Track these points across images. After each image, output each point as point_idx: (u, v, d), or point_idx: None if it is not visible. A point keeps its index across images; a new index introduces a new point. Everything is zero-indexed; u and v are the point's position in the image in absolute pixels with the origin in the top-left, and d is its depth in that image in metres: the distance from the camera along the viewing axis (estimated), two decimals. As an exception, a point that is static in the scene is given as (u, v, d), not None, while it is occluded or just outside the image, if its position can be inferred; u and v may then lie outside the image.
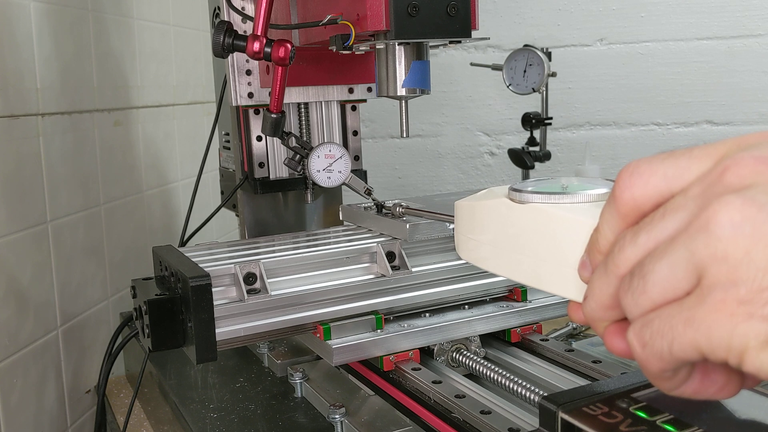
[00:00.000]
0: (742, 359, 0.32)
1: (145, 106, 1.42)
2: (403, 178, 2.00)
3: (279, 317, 0.81)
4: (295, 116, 1.09)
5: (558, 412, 0.49)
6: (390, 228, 0.92)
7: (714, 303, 0.32)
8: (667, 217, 0.35)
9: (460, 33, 0.82)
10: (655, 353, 0.35)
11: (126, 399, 1.15)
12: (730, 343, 0.32)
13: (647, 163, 0.37)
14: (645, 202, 0.37)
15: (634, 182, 0.37)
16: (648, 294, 0.34)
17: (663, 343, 0.34)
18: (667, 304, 0.34)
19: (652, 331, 0.34)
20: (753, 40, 1.77)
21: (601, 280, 0.38)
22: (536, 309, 0.91)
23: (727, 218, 0.32)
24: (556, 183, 0.48)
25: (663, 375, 0.36)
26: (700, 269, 0.33)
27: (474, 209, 0.52)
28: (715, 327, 0.32)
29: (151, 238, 1.42)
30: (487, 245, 0.50)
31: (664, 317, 0.34)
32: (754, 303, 0.31)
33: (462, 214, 0.54)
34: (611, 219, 0.38)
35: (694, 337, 0.33)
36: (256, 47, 0.84)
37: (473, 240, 0.52)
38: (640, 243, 0.36)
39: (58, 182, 1.11)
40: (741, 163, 0.34)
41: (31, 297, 1.04)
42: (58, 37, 1.13)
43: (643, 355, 0.35)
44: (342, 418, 0.77)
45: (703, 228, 0.33)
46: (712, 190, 0.34)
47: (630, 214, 0.37)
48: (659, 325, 0.34)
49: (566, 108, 1.87)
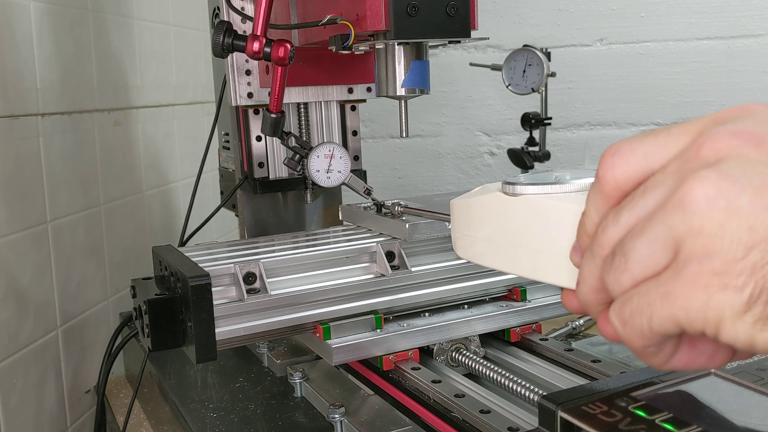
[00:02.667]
0: (718, 330, 0.32)
1: (145, 106, 1.42)
2: (403, 178, 2.00)
3: (278, 317, 0.81)
4: (295, 116, 1.09)
5: (557, 412, 0.49)
6: (389, 228, 0.92)
7: (689, 275, 0.32)
8: (647, 194, 0.36)
9: (459, 33, 0.82)
10: (636, 330, 0.35)
11: (126, 399, 1.15)
12: (706, 315, 0.32)
13: (627, 143, 0.38)
14: (626, 181, 0.37)
15: (615, 163, 0.38)
16: (629, 271, 0.35)
17: (643, 319, 0.34)
18: (646, 281, 0.34)
19: (632, 309, 0.35)
20: (753, 40, 1.77)
21: (589, 262, 0.38)
22: (536, 309, 0.91)
23: (702, 193, 0.33)
24: (548, 175, 0.48)
25: (647, 351, 0.36)
26: (677, 244, 0.33)
27: (469, 206, 0.52)
28: (691, 299, 0.32)
29: (151, 238, 1.42)
30: (484, 241, 0.50)
31: (642, 293, 0.34)
32: (728, 274, 0.31)
33: (457, 211, 0.54)
34: (596, 201, 0.39)
35: (671, 310, 0.33)
36: (255, 47, 0.84)
37: (470, 237, 0.52)
38: (622, 222, 0.36)
39: (58, 182, 1.11)
40: (716, 138, 0.34)
41: (31, 297, 1.04)
42: (58, 37, 1.13)
43: (625, 333, 0.36)
44: (342, 417, 0.77)
45: (679, 203, 0.33)
46: (688, 165, 0.34)
47: (613, 194, 0.38)
48: (638, 301, 0.34)
49: (566, 108, 1.87)
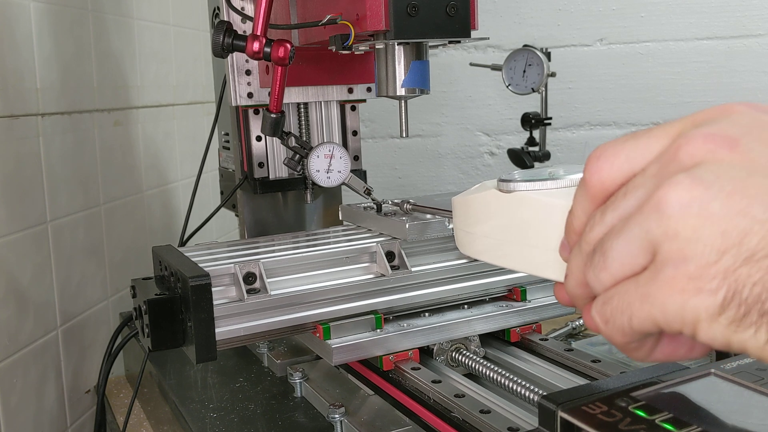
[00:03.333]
0: (695, 331, 0.33)
1: (145, 106, 1.42)
2: (403, 178, 2.00)
3: (278, 317, 0.81)
4: (295, 116, 1.09)
5: (557, 411, 0.49)
6: (389, 228, 0.92)
7: (666, 279, 0.33)
8: (628, 195, 0.37)
9: (459, 33, 0.82)
10: (617, 329, 0.36)
11: (126, 399, 1.15)
12: (683, 317, 0.33)
13: (612, 146, 0.39)
14: (611, 183, 0.38)
15: (601, 166, 0.39)
16: (608, 270, 0.36)
17: (623, 318, 0.36)
18: (625, 280, 0.36)
19: (612, 308, 0.36)
20: (753, 40, 1.77)
21: (576, 258, 0.39)
22: (535, 309, 0.92)
23: (676, 198, 0.33)
24: (543, 171, 0.49)
25: (629, 346, 0.38)
26: (654, 246, 0.34)
27: (468, 203, 0.53)
28: (668, 302, 0.33)
29: (151, 238, 1.42)
30: (482, 237, 0.51)
31: (621, 293, 0.36)
32: (702, 278, 0.32)
33: (458, 208, 0.55)
34: (583, 201, 0.40)
35: (650, 311, 0.34)
36: (255, 47, 0.84)
37: (470, 233, 0.53)
38: (606, 221, 0.37)
39: (58, 182, 1.11)
40: (691, 142, 0.35)
41: (31, 297, 1.04)
42: (58, 37, 1.13)
43: (607, 330, 0.37)
44: (342, 417, 0.77)
45: (654, 207, 0.34)
46: (666, 169, 0.35)
47: (598, 195, 0.39)
48: (618, 301, 0.36)
49: (566, 108, 1.87)
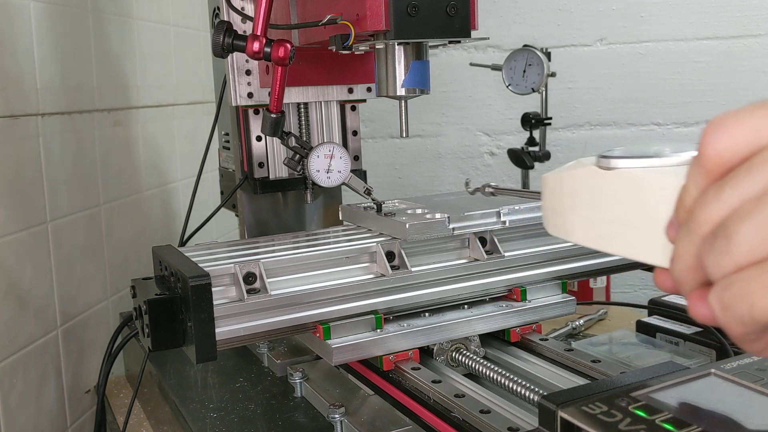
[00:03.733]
0: None
1: (145, 106, 1.42)
2: (403, 178, 2.00)
3: (279, 317, 0.81)
4: (295, 116, 1.09)
5: (557, 412, 0.49)
6: (389, 228, 0.92)
7: None
8: (754, 172, 0.33)
9: (459, 33, 0.82)
10: (736, 317, 0.33)
11: (126, 399, 1.15)
12: None
13: (734, 115, 0.35)
14: (731, 156, 0.35)
15: (720, 136, 0.35)
16: (732, 255, 0.33)
17: (744, 307, 0.33)
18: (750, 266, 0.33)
19: (733, 295, 0.33)
20: (753, 40, 1.77)
21: (685, 239, 0.36)
22: (536, 309, 0.91)
23: None
24: (647, 148, 0.46)
25: (747, 338, 0.35)
26: None
27: (562, 180, 0.50)
28: None
29: (151, 238, 1.42)
30: (576, 216, 0.48)
31: (744, 280, 0.33)
32: None
33: (550, 186, 0.51)
34: (697, 175, 0.36)
35: None
36: (255, 47, 0.84)
37: (561, 212, 0.50)
38: (724, 199, 0.34)
39: (58, 182, 1.11)
40: None
41: (31, 297, 1.04)
42: (58, 37, 1.13)
43: (725, 319, 0.34)
44: (342, 417, 0.77)
45: None
46: None
47: (715, 169, 0.35)
48: (740, 288, 0.33)
49: (566, 108, 1.87)
